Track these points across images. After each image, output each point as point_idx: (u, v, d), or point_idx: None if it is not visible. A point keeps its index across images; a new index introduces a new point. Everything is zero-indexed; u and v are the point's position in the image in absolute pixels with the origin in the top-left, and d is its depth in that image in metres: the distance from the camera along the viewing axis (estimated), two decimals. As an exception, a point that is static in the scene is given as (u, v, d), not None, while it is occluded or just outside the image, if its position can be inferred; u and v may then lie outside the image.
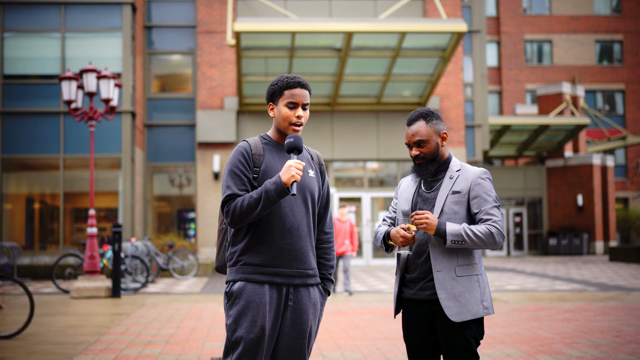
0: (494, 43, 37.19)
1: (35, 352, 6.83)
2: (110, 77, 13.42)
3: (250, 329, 3.06)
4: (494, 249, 3.25)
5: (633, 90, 37.20)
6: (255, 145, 3.21)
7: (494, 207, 3.28)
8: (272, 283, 3.12)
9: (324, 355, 6.61)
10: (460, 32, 18.21)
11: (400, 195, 3.51)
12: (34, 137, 18.72)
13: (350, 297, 12.36)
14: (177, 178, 21.89)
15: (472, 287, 3.27)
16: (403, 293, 3.41)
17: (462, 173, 3.36)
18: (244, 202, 3.05)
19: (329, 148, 21.42)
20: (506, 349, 6.86)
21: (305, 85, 3.23)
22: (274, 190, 3.01)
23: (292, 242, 3.15)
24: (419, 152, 3.36)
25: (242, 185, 3.12)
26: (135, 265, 14.72)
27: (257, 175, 3.16)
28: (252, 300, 3.08)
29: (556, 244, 29.21)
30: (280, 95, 3.22)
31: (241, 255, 3.16)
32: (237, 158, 3.16)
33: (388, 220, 3.54)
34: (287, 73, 20.44)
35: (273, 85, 3.25)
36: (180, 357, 6.54)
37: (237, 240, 3.19)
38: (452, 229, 3.19)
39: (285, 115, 3.20)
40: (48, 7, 18.95)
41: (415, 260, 3.35)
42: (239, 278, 3.13)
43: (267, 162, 3.18)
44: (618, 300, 11.56)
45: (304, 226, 3.20)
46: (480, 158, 24.24)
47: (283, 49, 19.14)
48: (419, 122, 3.37)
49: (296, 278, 3.17)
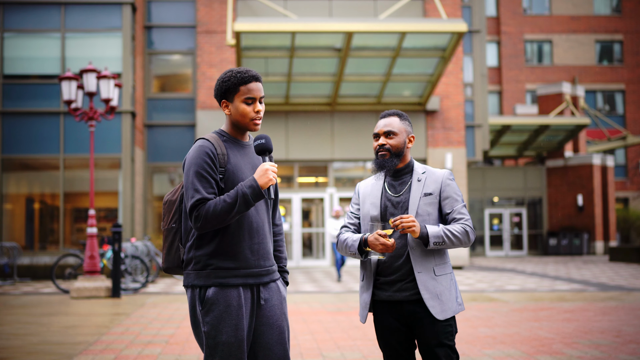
0: (494, 43, 37.19)
1: (35, 352, 6.83)
2: (110, 77, 13.42)
3: (233, 332, 2.98)
4: (467, 247, 3.37)
5: (633, 90, 37.19)
6: (217, 144, 3.07)
7: (463, 206, 3.41)
8: (245, 285, 3.05)
9: (324, 355, 6.60)
10: (460, 32, 18.21)
11: (364, 200, 3.53)
12: (34, 137, 18.72)
13: (350, 297, 12.35)
14: (177, 178, 21.88)
15: (449, 285, 3.38)
16: (375, 296, 3.43)
17: (429, 175, 3.44)
18: (217, 206, 2.93)
19: (329, 148, 21.42)
20: (506, 349, 6.86)
21: (259, 78, 3.15)
22: (250, 194, 2.93)
23: (260, 241, 3.11)
24: (385, 142, 3.43)
25: (210, 188, 2.99)
26: (135, 265, 14.72)
27: (222, 175, 3.04)
28: (230, 304, 2.99)
29: (556, 244, 29.21)
30: (235, 92, 3.11)
31: (211, 259, 3.03)
32: (202, 159, 3.00)
33: (350, 226, 3.55)
34: (287, 73, 20.57)
35: (225, 82, 3.14)
36: (180, 357, 6.54)
37: (203, 243, 3.06)
38: (433, 231, 3.29)
39: (243, 111, 3.10)
40: (48, 7, 18.95)
41: (393, 263, 3.38)
42: (212, 283, 3.01)
43: (232, 162, 3.07)
44: (618, 300, 11.55)
45: (266, 224, 3.16)
46: (481, 158, 24.24)
47: (283, 49, 19.14)
48: (394, 118, 3.49)
49: (265, 276, 3.12)
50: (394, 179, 3.49)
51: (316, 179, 22.48)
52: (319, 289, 14.24)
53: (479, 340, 7.32)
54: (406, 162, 3.48)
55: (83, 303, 11.65)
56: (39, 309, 10.69)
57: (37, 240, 19.53)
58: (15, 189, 19.73)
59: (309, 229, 22.43)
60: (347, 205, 22.42)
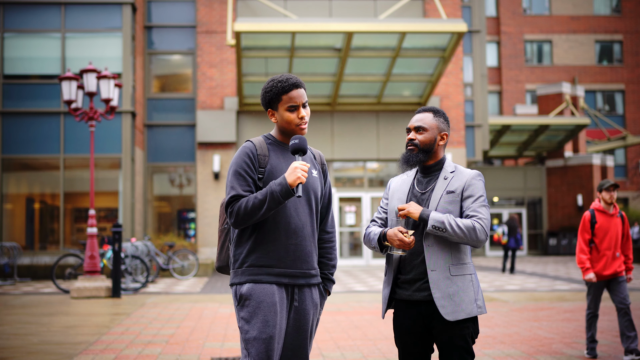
0: (494, 43, 37.20)
1: (36, 352, 6.83)
2: (110, 77, 13.42)
3: (263, 329, 3.06)
4: (476, 245, 3.27)
5: (633, 90, 37.20)
6: (260, 146, 3.19)
7: (483, 205, 3.31)
8: (279, 284, 3.13)
9: (324, 355, 6.61)
10: (460, 32, 18.22)
11: (392, 195, 3.50)
12: (34, 137, 18.73)
13: (350, 297, 12.35)
14: (177, 178, 21.89)
15: (466, 286, 3.29)
16: (396, 294, 3.41)
17: (457, 174, 3.39)
18: (249, 203, 3.04)
19: (329, 148, 21.42)
20: (506, 349, 6.86)
21: (300, 84, 3.21)
22: (279, 192, 3.01)
23: (297, 242, 3.16)
24: (414, 137, 3.40)
25: (247, 186, 3.11)
26: (136, 265, 14.72)
27: (262, 175, 3.15)
28: (263, 301, 3.08)
29: (556, 244, 29.22)
30: (278, 101, 3.19)
31: (247, 257, 3.15)
32: (242, 159, 3.14)
33: (378, 220, 3.53)
34: (287, 73, 20.39)
35: (268, 92, 3.21)
36: (180, 357, 6.54)
37: (241, 241, 3.18)
38: (436, 215, 3.24)
39: (288, 119, 3.19)
40: (48, 7, 18.95)
41: (412, 261, 3.35)
42: (246, 280, 3.12)
43: (272, 163, 3.17)
44: (618, 300, 11.55)
45: (308, 226, 3.21)
46: (480, 158, 24.25)
47: (283, 49, 19.14)
48: (427, 114, 3.46)
49: (300, 278, 3.17)
50: (423, 176, 3.46)
51: (316, 179, 22.44)
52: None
53: (478, 340, 7.33)
54: (437, 160, 3.43)
55: (83, 303, 11.65)
56: (39, 309, 10.70)
57: (38, 240, 19.54)
58: (15, 189, 19.73)
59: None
60: (346, 205, 22.44)
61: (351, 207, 22.43)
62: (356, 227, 22.35)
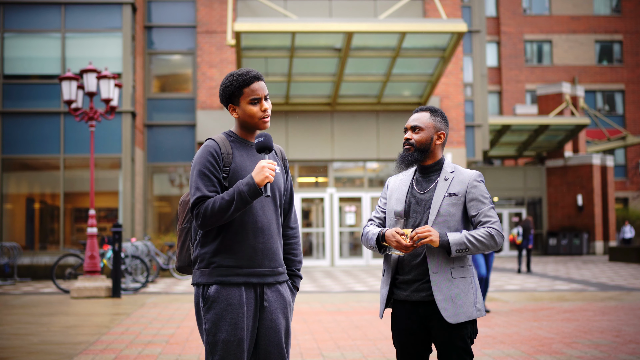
0: (494, 43, 37.20)
1: (36, 352, 6.84)
2: (110, 77, 13.42)
3: (232, 331, 2.99)
4: (496, 250, 3.27)
5: (633, 90, 37.21)
6: (223, 144, 3.10)
7: (491, 208, 3.31)
8: (247, 284, 3.06)
9: (324, 355, 6.61)
10: (460, 32, 18.22)
11: (391, 195, 3.48)
12: (34, 137, 18.73)
13: (350, 297, 12.36)
14: (177, 178, 21.89)
15: (466, 289, 3.29)
16: (395, 294, 3.40)
17: (457, 175, 3.37)
18: (215, 204, 2.96)
19: (329, 148, 21.42)
20: (506, 349, 6.86)
21: (260, 77, 3.16)
22: (247, 192, 2.95)
23: (265, 241, 3.10)
24: (410, 137, 3.39)
25: (212, 187, 3.02)
26: (136, 265, 14.72)
27: (226, 175, 3.07)
28: (231, 303, 3.01)
29: (556, 244, 29.22)
30: (240, 95, 3.12)
31: (213, 257, 3.06)
32: (205, 158, 3.05)
33: (376, 220, 3.51)
34: (287, 73, 20.57)
35: (228, 87, 3.13)
36: (180, 357, 6.54)
37: (207, 241, 3.10)
38: (455, 239, 3.20)
39: (251, 112, 3.11)
40: (48, 7, 18.96)
41: (411, 261, 3.34)
42: (214, 281, 3.04)
43: (237, 161, 3.09)
44: (618, 300, 11.56)
45: (274, 224, 3.16)
46: (480, 158, 24.25)
47: (283, 49, 19.14)
48: (424, 113, 3.43)
49: (269, 277, 3.12)
50: (422, 176, 3.44)
51: (316, 179, 22.49)
52: (319, 289, 14.25)
53: (478, 340, 7.33)
54: (436, 160, 3.41)
55: (83, 303, 11.65)
56: (39, 309, 10.70)
57: (38, 240, 19.54)
58: (15, 189, 19.73)
59: (309, 228, 22.43)
60: (346, 205, 22.44)
61: (351, 207, 22.43)
62: (356, 227, 22.36)
